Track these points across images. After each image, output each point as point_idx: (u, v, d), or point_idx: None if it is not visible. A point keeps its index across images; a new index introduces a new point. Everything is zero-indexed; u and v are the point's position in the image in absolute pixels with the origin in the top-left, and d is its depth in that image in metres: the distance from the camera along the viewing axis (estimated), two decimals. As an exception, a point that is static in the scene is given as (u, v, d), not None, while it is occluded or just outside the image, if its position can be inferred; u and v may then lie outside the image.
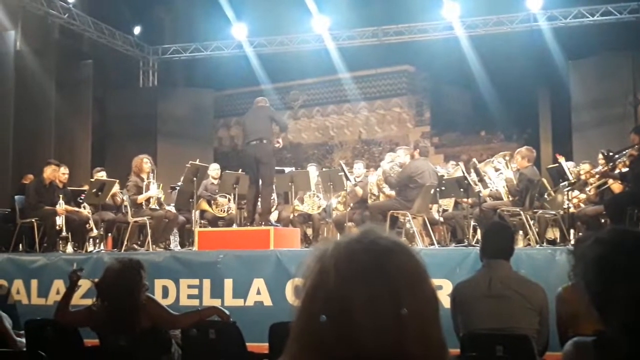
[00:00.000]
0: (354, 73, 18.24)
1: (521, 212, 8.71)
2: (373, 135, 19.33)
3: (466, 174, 9.21)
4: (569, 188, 9.16)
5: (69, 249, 9.66)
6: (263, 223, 9.18)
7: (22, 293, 8.32)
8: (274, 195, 10.44)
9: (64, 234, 9.72)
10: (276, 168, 10.87)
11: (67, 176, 10.35)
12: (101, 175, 10.67)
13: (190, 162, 10.20)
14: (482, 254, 4.36)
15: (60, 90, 13.73)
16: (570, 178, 9.13)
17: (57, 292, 8.03)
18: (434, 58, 15.75)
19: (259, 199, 9.43)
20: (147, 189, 9.84)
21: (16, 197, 10.37)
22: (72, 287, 4.73)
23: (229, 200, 10.74)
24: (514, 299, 4.12)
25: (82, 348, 4.79)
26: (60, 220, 9.66)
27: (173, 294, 7.77)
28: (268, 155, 9.28)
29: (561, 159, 9.97)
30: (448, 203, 10.29)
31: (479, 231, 9.18)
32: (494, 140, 17.64)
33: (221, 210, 10.79)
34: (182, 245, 10.45)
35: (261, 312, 7.28)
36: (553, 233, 9.72)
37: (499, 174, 9.47)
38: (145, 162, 10.00)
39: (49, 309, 7.31)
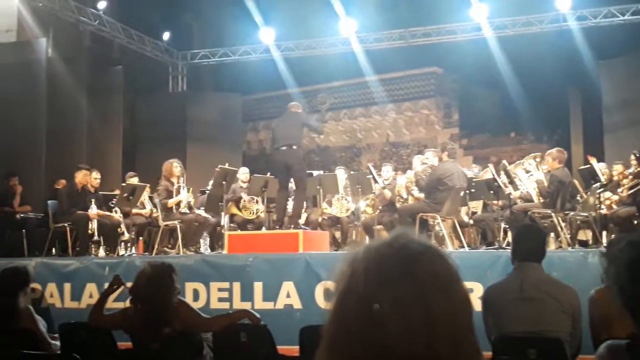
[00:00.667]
0: (382, 75, 18.21)
1: (552, 214, 8.62)
2: (401, 138, 19.27)
3: (496, 176, 9.14)
4: (600, 189, 9.04)
5: (101, 252, 9.78)
6: (292, 226, 9.21)
7: (56, 296, 8.42)
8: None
9: (96, 238, 9.84)
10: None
11: (99, 181, 10.48)
12: (134, 180, 10.78)
13: (219, 166, 10.27)
14: (513, 257, 4.32)
15: (91, 96, 13.90)
16: (602, 179, 9.02)
17: (90, 296, 8.14)
18: (462, 59, 15.66)
19: (289, 203, 9.46)
20: (178, 193, 9.92)
21: (49, 202, 10.52)
22: (108, 292, 4.78)
23: (257, 202, 10.77)
24: (546, 301, 4.08)
25: (116, 351, 4.84)
26: (92, 225, 9.79)
27: (204, 297, 7.82)
28: (299, 161, 9.34)
29: (592, 160, 9.83)
30: (477, 205, 10.22)
31: (509, 234, 9.10)
32: (524, 142, 17.48)
33: (250, 213, 10.83)
34: (212, 248, 10.51)
35: (291, 315, 7.31)
36: (585, 235, 9.61)
37: (529, 176, 9.39)
38: (175, 166, 10.09)
39: (81, 312, 7.40)
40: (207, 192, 11.00)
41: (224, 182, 9.98)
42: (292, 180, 9.60)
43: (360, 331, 1.03)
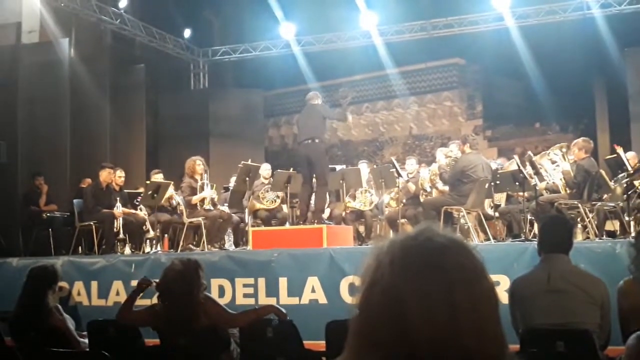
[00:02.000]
0: (403, 68, 18.14)
1: (579, 205, 8.52)
2: (424, 130, 19.19)
3: (521, 167, 9.05)
4: (628, 179, 8.92)
5: (127, 250, 9.86)
6: (316, 221, 9.20)
7: (83, 294, 8.49)
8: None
9: (121, 236, 9.92)
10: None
11: (123, 179, 10.55)
12: (158, 177, 10.84)
13: (242, 162, 10.28)
14: (540, 249, 4.28)
15: (113, 95, 14.00)
16: (630, 168, 8.89)
17: (117, 293, 8.20)
18: (485, 50, 15.55)
19: (312, 198, 9.45)
20: (201, 189, 9.96)
21: (74, 201, 10.62)
22: (137, 292, 4.81)
23: (277, 196, 10.78)
24: (574, 293, 4.04)
25: (144, 347, 4.87)
26: (117, 223, 9.86)
27: (229, 293, 7.85)
28: (320, 155, 9.29)
29: (619, 150, 9.69)
30: (500, 197, 10.13)
31: (535, 225, 9.01)
32: (549, 132, 17.31)
33: (270, 202, 10.84)
34: (236, 244, 10.55)
35: (316, 310, 7.29)
36: (613, 225, 9.48)
37: (555, 167, 9.28)
38: (197, 163, 10.12)
39: (109, 310, 7.48)
40: (230, 188, 11.03)
41: (247, 178, 10.00)
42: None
43: (385, 323, 1.04)
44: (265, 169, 11.32)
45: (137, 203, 10.61)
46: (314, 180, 9.58)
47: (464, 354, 1.02)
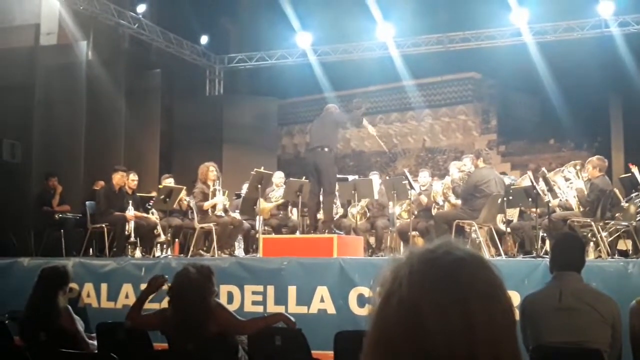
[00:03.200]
0: (418, 80, 18.13)
1: (592, 223, 8.47)
2: (437, 143, 19.16)
3: (535, 183, 9.01)
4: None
5: (138, 253, 9.89)
6: (326, 231, 9.19)
7: (92, 296, 8.51)
8: (337, 202, 10.44)
9: (132, 239, 9.95)
10: (339, 176, 10.87)
11: (136, 183, 10.59)
12: (169, 181, 10.88)
13: (255, 169, 10.30)
14: (552, 266, 4.25)
15: (129, 99, 14.07)
16: (644, 188, 8.84)
17: (126, 296, 8.22)
18: (501, 65, 15.53)
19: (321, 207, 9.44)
20: (213, 195, 9.98)
21: (87, 202, 10.66)
22: (148, 292, 4.80)
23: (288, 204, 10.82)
24: (586, 311, 4.01)
25: (152, 351, 4.87)
26: (129, 226, 9.89)
27: (238, 299, 7.84)
28: (328, 164, 9.22)
29: (634, 169, 9.65)
30: (512, 213, 10.09)
31: (547, 242, 8.97)
32: (564, 149, 17.24)
33: (276, 199, 10.88)
34: (246, 251, 10.55)
35: (324, 320, 7.28)
36: (625, 244, 9.42)
37: (569, 184, 9.24)
38: (211, 170, 10.15)
39: (118, 313, 7.49)
40: (242, 195, 11.05)
41: (259, 186, 10.01)
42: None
43: (402, 334, 1.04)
44: (278, 177, 11.34)
45: (149, 207, 10.64)
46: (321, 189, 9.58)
47: None
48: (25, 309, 5.21)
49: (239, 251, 10.40)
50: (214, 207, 9.96)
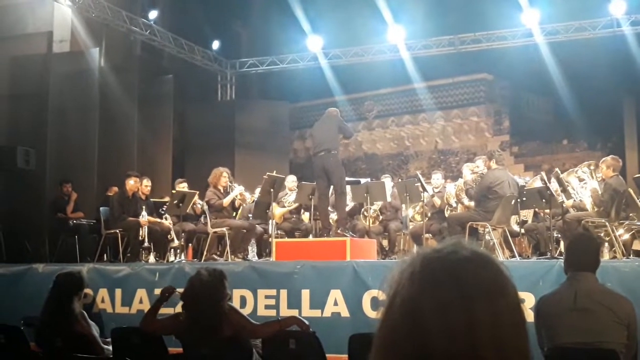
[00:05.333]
0: (430, 82, 18.11)
1: (607, 223, 8.42)
2: (450, 145, 19.11)
3: (548, 184, 8.97)
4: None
5: (152, 259, 9.91)
6: (340, 230, 9.19)
7: (107, 302, 8.54)
8: (350, 203, 10.45)
9: (146, 244, 9.98)
10: (351, 179, 10.87)
11: (149, 188, 10.62)
12: (183, 186, 10.91)
13: (267, 173, 10.31)
14: (566, 267, 4.23)
15: (141, 105, 14.14)
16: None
17: (140, 301, 8.24)
18: (513, 65, 15.47)
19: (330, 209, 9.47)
20: (226, 195, 10.07)
21: (101, 208, 10.71)
22: (162, 299, 4.83)
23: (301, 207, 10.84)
24: (601, 312, 3.98)
25: (167, 356, 4.89)
26: (142, 231, 9.93)
27: (251, 304, 7.84)
28: (337, 165, 9.34)
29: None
30: (527, 214, 10.04)
31: (562, 243, 8.92)
32: (577, 149, 17.15)
33: (289, 204, 10.91)
34: (259, 255, 10.56)
35: (338, 323, 7.26)
36: (640, 245, 9.36)
37: (582, 184, 9.18)
38: (224, 175, 10.18)
39: (132, 318, 7.51)
40: (255, 199, 11.07)
41: (271, 190, 10.03)
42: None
43: (405, 335, 1.04)
44: (290, 180, 11.36)
45: (162, 212, 10.68)
46: (330, 191, 9.61)
47: None
48: (40, 315, 5.24)
49: (252, 255, 10.41)
50: (232, 204, 10.01)
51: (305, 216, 11.26)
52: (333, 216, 10.05)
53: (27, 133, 12.06)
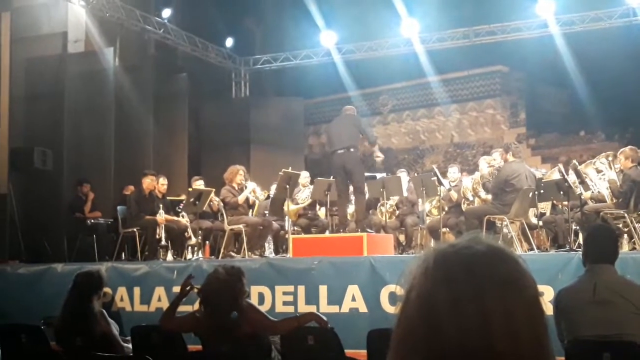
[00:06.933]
0: (445, 75, 18.04)
1: (625, 215, 8.35)
2: (465, 139, 19.03)
3: (566, 176, 8.90)
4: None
5: (169, 257, 9.96)
6: (359, 229, 9.18)
7: (126, 300, 8.58)
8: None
9: (163, 242, 10.02)
10: (367, 174, 10.85)
11: (165, 186, 10.66)
12: (199, 183, 10.93)
13: (283, 170, 10.32)
14: (585, 259, 4.21)
15: (156, 103, 14.19)
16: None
17: (159, 299, 8.28)
18: (528, 57, 15.39)
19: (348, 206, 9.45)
20: (241, 192, 10.10)
21: (118, 207, 10.77)
22: (181, 296, 4.85)
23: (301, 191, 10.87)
24: (621, 304, 3.96)
25: (186, 353, 4.91)
26: (160, 230, 9.97)
27: (269, 300, 7.85)
28: (357, 164, 9.31)
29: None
30: (545, 206, 9.98)
31: (580, 235, 8.85)
32: (595, 141, 17.02)
33: (303, 201, 10.92)
34: (276, 252, 10.58)
35: (356, 319, 7.26)
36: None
37: (601, 176, 9.11)
38: (240, 173, 10.22)
39: (151, 316, 7.55)
40: (271, 196, 11.08)
41: (287, 186, 10.04)
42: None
43: (420, 328, 1.04)
44: (303, 177, 11.35)
45: (179, 210, 10.72)
46: (350, 189, 9.59)
47: (496, 359, 1.01)
48: (60, 315, 5.27)
49: (269, 252, 10.43)
50: (247, 201, 10.04)
51: (322, 212, 11.26)
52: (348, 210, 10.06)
53: (44, 134, 12.14)
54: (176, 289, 7.21)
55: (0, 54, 11.16)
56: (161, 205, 10.13)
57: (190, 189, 10.77)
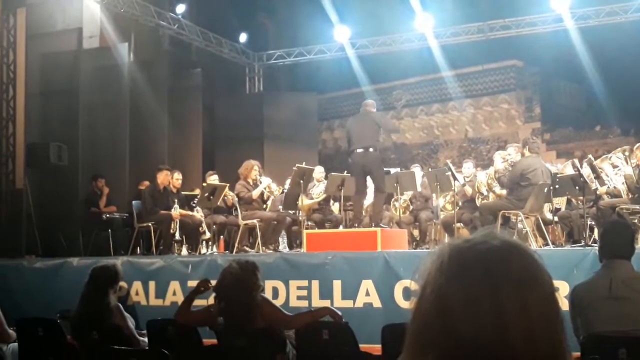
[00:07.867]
0: (459, 70, 17.98)
1: (641, 210, 8.29)
2: (480, 133, 18.96)
3: (581, 170, 8.84)
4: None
5: (184, 251, 10.00)
6: (373, 225, 9.17)
7: (141, 294, 8.62)
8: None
9: (178, 237, 10.06)
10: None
11: (180, 181, 10.71)
12: (214, 178, 10.96)
13: (296, 165, 10.33)
14: (601, 254, 4.19)
15: (171, 99, 14.24)
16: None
17: (174, 293, 8.31)
18: (543, 52, 15.31)
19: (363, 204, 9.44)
20: (255, 187, 10.12)
21: (133, 202, 10.82)
22: (196, 292, 4.88)
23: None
24: (637, 300, 3.95)
25: (202, 347, 4.94)
26: (174, 224, 10.01)
27: (283, 295, 7.87)
28: (377, 164, 9.23)
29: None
30: (560, 201, 9.92)
31: (596, 230, 8.80)
32: (610, 135, 16.90)
33: (317, 195, 10.95)
34: (290, 247, 10.60)
35: (370, 314, 7.27)
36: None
37: (617, 171, 9.05)
38: (255, 169, 10.24)
39: (166, 310, 7.58)
40: (285, 191, 11.09)
41: (301, 181, 10.04)
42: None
43: (434, 324, 1.05)
44: (318, 172, 11.36)
45: (193, 205, 10.76)
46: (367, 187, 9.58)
47: (511, 354, 1.01)
48: (77, 308, 5.31)
49: (283, 246, 10.45)
50: (261, 196, 10.06)
51: (335, 207, 11.26)
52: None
53: (59, 129, 12.22)
54: (191, 283, 7.26)
55: (15, 50, 11.22)
56: (176, 200, 10.17)
57: (204, 184, 10.81)
